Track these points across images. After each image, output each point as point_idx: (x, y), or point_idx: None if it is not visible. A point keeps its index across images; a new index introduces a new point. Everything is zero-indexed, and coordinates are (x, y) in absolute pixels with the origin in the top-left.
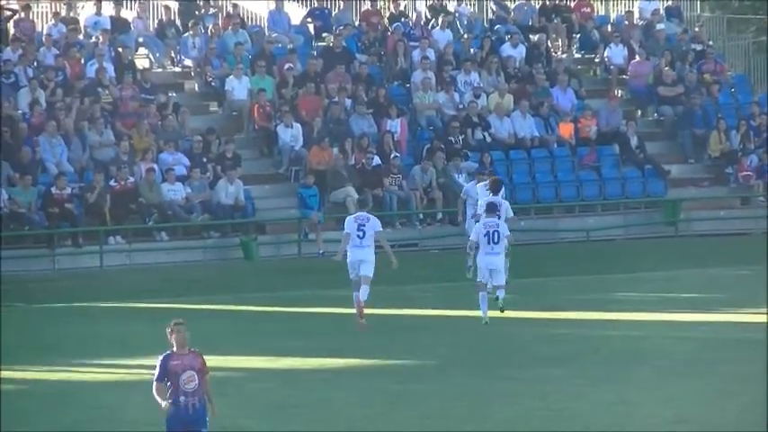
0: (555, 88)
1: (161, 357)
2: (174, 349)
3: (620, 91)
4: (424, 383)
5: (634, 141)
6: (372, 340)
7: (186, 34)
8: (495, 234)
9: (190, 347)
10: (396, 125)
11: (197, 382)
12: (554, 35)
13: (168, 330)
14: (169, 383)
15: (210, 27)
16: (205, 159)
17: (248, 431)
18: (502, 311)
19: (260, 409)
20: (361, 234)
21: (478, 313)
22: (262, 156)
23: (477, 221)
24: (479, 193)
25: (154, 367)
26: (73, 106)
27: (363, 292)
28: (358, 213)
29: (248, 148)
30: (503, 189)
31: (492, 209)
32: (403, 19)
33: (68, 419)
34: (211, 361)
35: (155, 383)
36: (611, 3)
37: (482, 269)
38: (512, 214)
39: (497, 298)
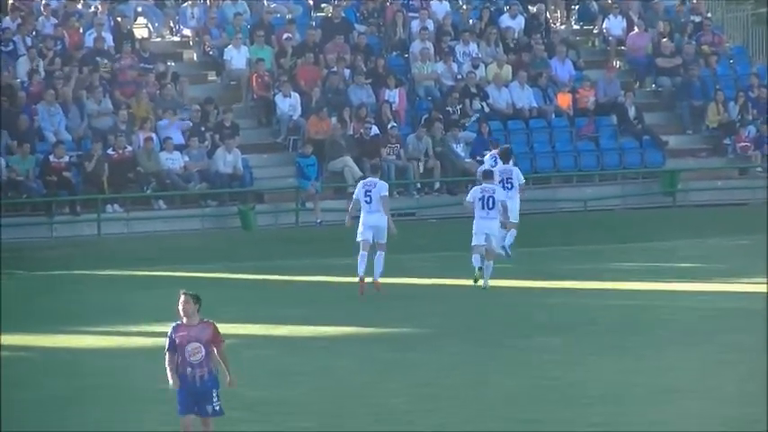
0: (553, 59)
1: (171, 328)
2: (183, 320)
3: (618, 62)
4: (421, 352)
5: (632, 112)
6: (370, 309)
7: (185, 4)
8: (491, 200)
9: (202, 318)
10: (394, 95)
11: (203, 353)
12: (553, 6)
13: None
14: (178, 354)
15: None
16: (203, 128)
17: (247, 398)
18: (475, 281)
19: (258, 376)
20: (368, 199)
21: (478, 282)
22: (260, 125)
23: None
24: (486, 162)
25: (151, 334)
26: (72, 75)
27: (378, 264)
28: (368, 179)
29: (246, 118)
30: (512, 157)
31: (488, 175)
32: None
33: (67, 386)
34: None
35: (166, 354)
36: None
37: (478, 233)
38: (522, 180)
39: (480, 268)
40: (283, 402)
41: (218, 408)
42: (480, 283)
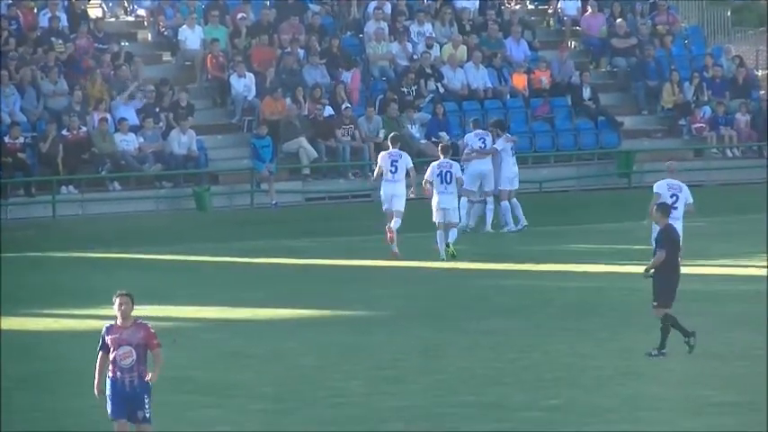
0: (508, 39)
1: (104, 327)
2: (118, 321)
3: (573, 42)
4: (377, 334)
5: (587, 93)
6: (327, 291)
7: None
8: (448, 174)
9: (136, 319)
10: (348, 76)
11: (134, 358)
12: None
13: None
14: (109, 356)
15: None
16: (158, 109)
17: (201, 380)
18: (453, 256)
19: (213, 359)
20: (393, 169)
21: (432, 264)
22: (215, 106)
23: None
24: (469, 141)
25: (107, 317)
26: (26, 56)
27: (395, 223)
28: (392, 150)
29: (201, 98)
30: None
31: (446, 150)
32: None
33: (25, 369)
34: (164, 311)
35: (98, 354)
36: None
37: (438, 209)
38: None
39: (448, 245)
40: (239, 385)
41: (148, 415)
42: (451, 250)
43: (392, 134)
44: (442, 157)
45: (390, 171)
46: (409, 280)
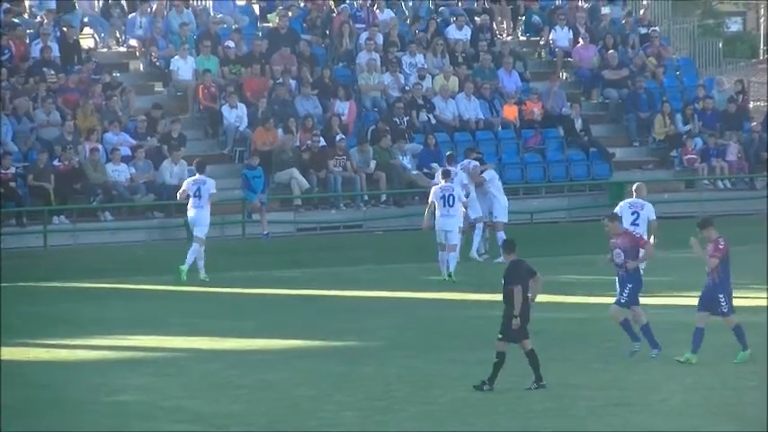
0: (500, 70)
1: None
2: None
3: (564, 74)
4: (369, 365)
5: (579, 124)
6: (318, 322)
7: (132, 14)
8: (451, 198)
9: None
10: (344, 107)
11: None
12: (499, 17)
13: None
14: None
15: (155, 7)
16: (150, 138)
17: (192, 410)
18: (449, 277)
19: (204, 389)
20: (450, 202)
21: (424, 294)
22: (207, 136)
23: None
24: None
25: (96, 347)
26: (18, 86)
27: (451, 262)
28: (444, 184)
29: (193, 129)
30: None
31: (446, 174)
32: (348, 0)
33: (12, 397)
34: (156, 341)
35: None
36: None
37: (439, 231)
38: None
39: (450, 275)
40: (231, 415)
41: None
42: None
43: (443, 169)
44: (443, 181)
45: (447, 204)
46: (400, 310)
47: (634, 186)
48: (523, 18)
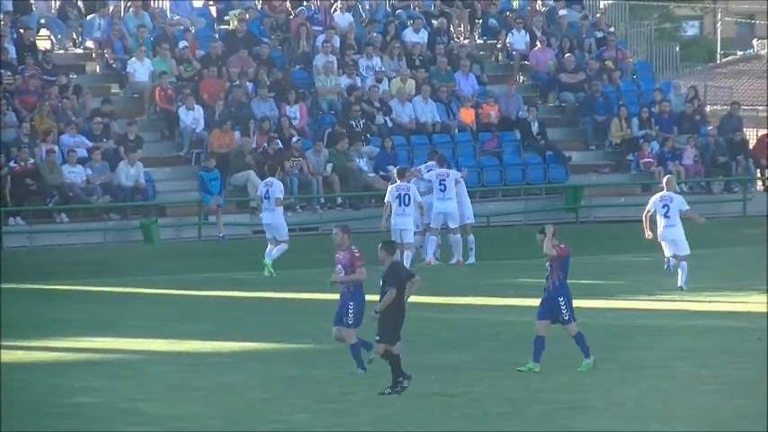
0: (457, 73)
1: None
2: None
3: (521, 77)
4: (324, 368)
5: (535, 128)
6: (273, 325)
7: (90, 16)
8: (406, 197)
9: None
10: (295, 110)
11: None
12: (456, 21)
13: None
14: None
15: (111, 9)
16: (106, 140)
17: (148, 413)
18: None
19: (161, 392)
20: (442, 187)
21: (377, 298)
22: (163, 138)
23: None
24: (422, 170)
25: (52, 349)
26: None
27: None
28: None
29: (149, 131)
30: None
31: (401, 173)
32: (306, 2)
33: None
34: (111, 343)
35: None
36: None
37: (394, 230)
38: (460, 178)
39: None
40: (187, 418)
41: None
42: None
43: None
44: (398, 180)
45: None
46: None
47: (664, 180)
48: (480, 21)
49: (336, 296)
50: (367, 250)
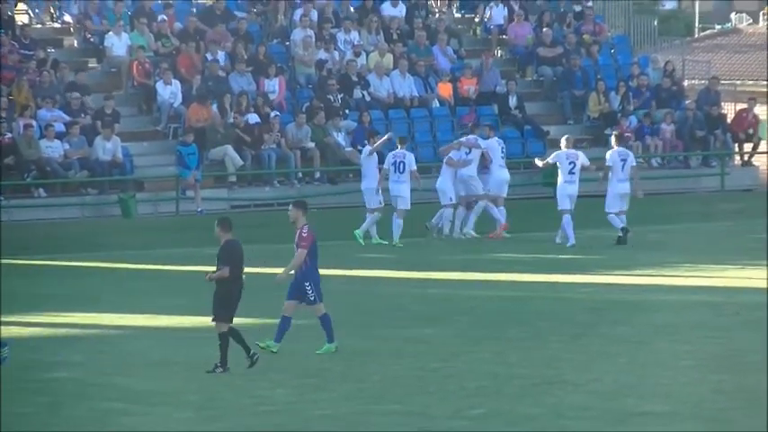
0: (435, 47)
1: None
2: None
3: (499, 51)
4: (302, 342)
5: (513, 102)
6: (251, 300)
7: None
8: (401, 164)
9: None
10: (273, 84)
11: None
12: None
13: None
14: None
15: None
16: (83, 115)
17: (125, 388)
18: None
19: (137, 366)
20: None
21: (355, 272)
22: (141, 113)
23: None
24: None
25: (28, 324)
26: None
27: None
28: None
29: (127, 105)
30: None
31: (402, 141)
32: None
33: None
34: (88, 318)
35: None
36: None
37: (392, 196)
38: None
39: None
40: (164, 393)
41: None
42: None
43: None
44: (399, 147)
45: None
46: (332, 289)
47: (563, 139)
48: None
49: (322, 271)
50: (344, 224)
